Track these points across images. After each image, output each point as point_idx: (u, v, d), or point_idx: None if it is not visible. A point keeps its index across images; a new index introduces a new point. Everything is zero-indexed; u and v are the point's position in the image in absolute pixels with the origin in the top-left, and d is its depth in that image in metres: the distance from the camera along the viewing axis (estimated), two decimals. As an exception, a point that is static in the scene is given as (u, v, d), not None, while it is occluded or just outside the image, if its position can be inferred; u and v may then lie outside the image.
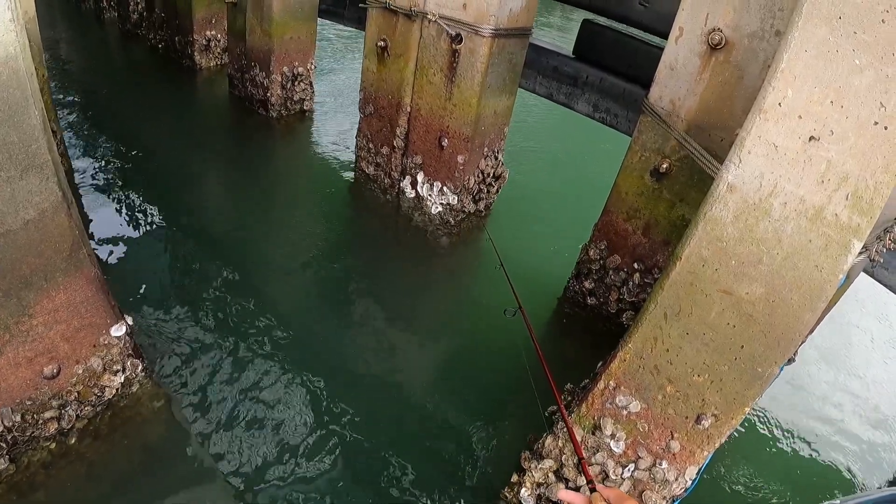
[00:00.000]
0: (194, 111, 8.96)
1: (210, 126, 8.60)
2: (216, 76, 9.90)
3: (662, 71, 4.13)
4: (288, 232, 6.11)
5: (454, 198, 6.07)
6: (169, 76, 9.84)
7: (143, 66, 10.41)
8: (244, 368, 4.37)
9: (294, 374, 4.39)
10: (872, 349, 6.10)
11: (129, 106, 8.47)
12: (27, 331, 3.30)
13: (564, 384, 4.02)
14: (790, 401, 5.06)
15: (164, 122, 8.14)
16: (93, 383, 3.71)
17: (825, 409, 5.10)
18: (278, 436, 3.94)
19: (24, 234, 3.08)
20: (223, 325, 4.71)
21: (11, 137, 2.82)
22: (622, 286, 4.98)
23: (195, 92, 9.59)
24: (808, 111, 2.35)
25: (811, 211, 2.46)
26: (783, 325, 2.68)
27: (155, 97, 9.00)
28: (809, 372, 5.45)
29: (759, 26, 3.52)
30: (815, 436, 4.79)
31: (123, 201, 6.10)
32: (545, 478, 3.47)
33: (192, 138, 7.90)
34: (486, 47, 5.12)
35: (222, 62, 10.17)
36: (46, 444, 3.54)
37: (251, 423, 3.99)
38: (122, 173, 6.57)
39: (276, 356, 4.50)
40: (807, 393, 5.23)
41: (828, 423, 4.94)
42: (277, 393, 4.24)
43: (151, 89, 9.33)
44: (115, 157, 6.82)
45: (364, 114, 6.56)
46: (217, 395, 4.16)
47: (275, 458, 3.81)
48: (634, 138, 4.49)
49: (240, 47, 8.40)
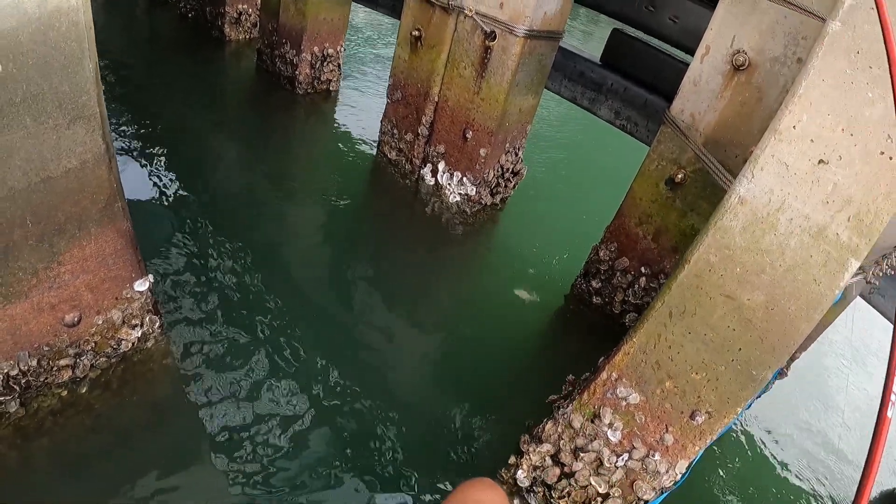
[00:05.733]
0: (221, 83, 9.11)
1: (236, 98, 8.77)
2: (244, 49, 10.03)
3: (686, 85, 4.31)
4: (306, 208, 6.30)
5: (473, 189, 6.27)
6: (197, 46, 9.97)
7: (170, 33, 10.52)
8: (254, 338, 4.51)
9: (301, 347, 4.54)
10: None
11: (155, 73, 8.62)
12: (54, 277, 3.37)
13: (566, 376, 4.21)
14: (778, 415, 5.27)
15: (189, 91, 8.29)
16: (110, 335, 3.80)
17: (813, 424, 5.31)
18: (281, 407, 4.07)
19: (63, 182, 3.16)
20: (237, 293, 4.87)
21: (63, 87, 2.91)
22: (628, 288, 5.16)
23: (222, 63, 9.72)
24: (820, 136, 2.54)
25: (814, 228, 2.65)
26: (779, 332, 2.87)
27: (181, 66, 9.14)
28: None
29: (782, 52, 3.70)
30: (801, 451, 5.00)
31: (146, 166, 6.27)
32: (542, 461, 3.65)
33: (217, 109, 8.09)
34: (518, 46, 5.30)
35: (251, 36, 10.29)
36: (58, 391, 3.63)
37: (256, 393, 4.12)
38: (145, 139, 6.73)
39: (286, 328, 4.66)
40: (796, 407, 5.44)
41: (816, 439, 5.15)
42: (284, 364, 4.38)
43: (178, 58, 9.46)
44: (139, 124, 6.99)
45: (391, 99, 6.74)
46: (226, 360, 4.29)
47: (275, 429, 3.93)
48: (653, 147, 4.68)
49: (272, 23, 8.56)
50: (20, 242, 3.11)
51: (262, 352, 4.42)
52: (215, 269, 5.06)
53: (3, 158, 2.84)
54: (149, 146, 6.63)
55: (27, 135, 2.88)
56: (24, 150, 2.91)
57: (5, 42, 2.60)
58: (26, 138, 2.89)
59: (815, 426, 5.36)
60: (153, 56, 9.26)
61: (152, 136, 6.85)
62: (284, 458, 3.78)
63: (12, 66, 2.66)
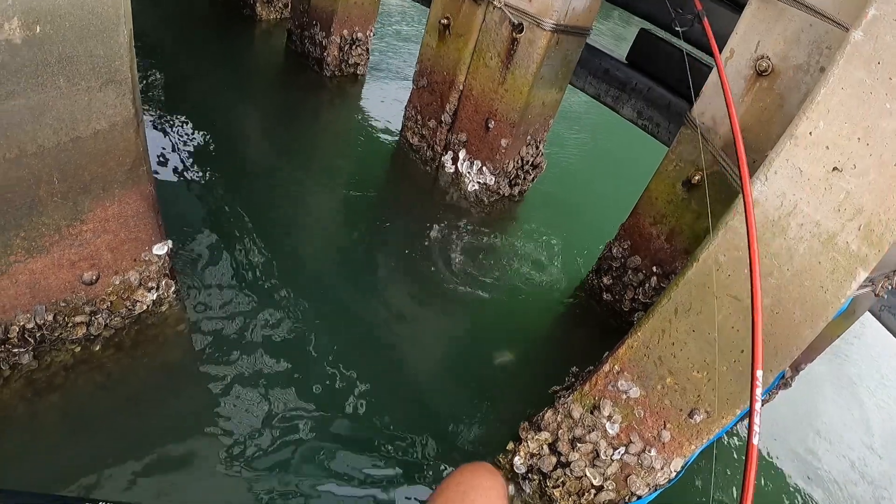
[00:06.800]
0: (249, 60, 9.17)
1: (263, 76, 8.83)
2: (274, 29, 10.09)
3: (708, 88, 4.33)
4: (326, 187, 6.37)
5: (492, 179, 6.31)
6: (228, 23, 10.03)
7: (202, 10, 10.57)
8: (267, 311, 4.59)
9: (312, 323, 4.62)
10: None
11: (185, 47, 8.71)
12: (76, 235, 3.43)
13: (570, 368, 4.26)
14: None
15: (218, 66, 8.38)
16: (126, 296, 3.87)
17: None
18: (289, 381, 4.15)
19: (92, 143, 3.23)
20: (253, 266, 4.95)
21: (98, 51, 2.97)
22: (638, 287, 5.19)
23: (252, 42, 9.78)
24: (835, 143, 2.56)
25: (824, 235, 2.67)
26: (783, 337, 2.90)
27: (212, 42, 9.23)
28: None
29: (805, 60, 3.70)
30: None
31: (172, 135, 6.37)
32: (540, 449, 3.69)
33: (244, 86, 8.14)
34: (544, 40, 5.33)
35: (282, 16, 10.36)
36: (71, 347, 3.71)
37: (265, 365, 4.20)
38: (173, 109, 6.84)
39: (299, 304, 4.74)
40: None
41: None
42: (295, 339, 4.46)
43: (208, 34, 9.54)
44: (167, 94, 7.11)
45: (417, 86, 6.78)
46: (238, 330, 4.38)
47: (281, 401, 4.01)
48: (672, 148, 4.70)
49: (303, 4, 8.60)
50: (45, 199, 3.17)
51: (274, 326, 4.49)
52: (233, 240, 5.14)
53: (34, 116, 2.91)
54: (176, 116, 6.72)
55: (60, 95, 2.95)
56: (56, 110, 2.98)
57: (43, 4, 2.66)
58: (58, 98, 2.95)
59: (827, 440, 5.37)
60: (184, 30, 9.33)
61: (180, 106, 6.95)
62: (288, 431, 3.85)
63: (49, 27, 2.72)
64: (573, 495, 3.52)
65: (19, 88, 2.77)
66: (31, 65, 2.75)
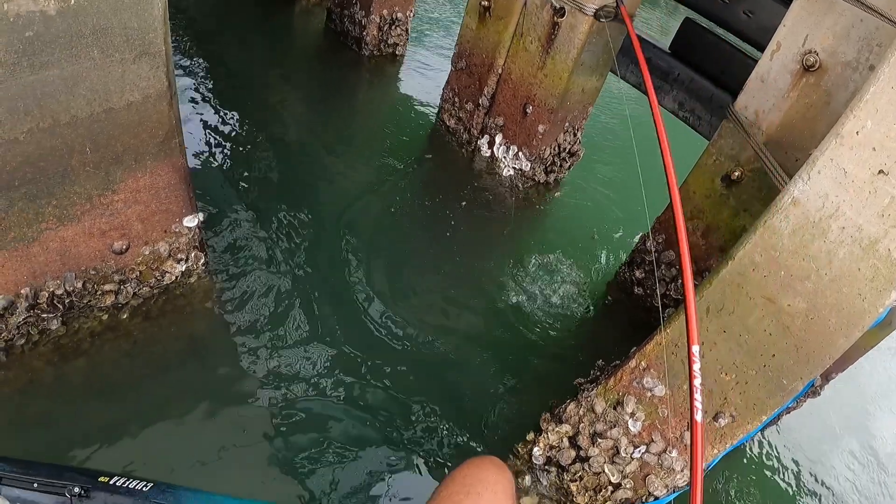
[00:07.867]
0: (288, 38, 9.14)
1: (301, 54, 8.81)
2: (314, 7, 10.01)
3: (753, 81, 4.19)
4: (361, 167, 6.36)
5: (527, 164, 6.24)
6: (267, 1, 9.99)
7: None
8: (296, 289, 4.60)
9: (342, 304, 4.63)
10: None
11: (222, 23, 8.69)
12: (107, 204, 3.49)
13: (596, 360, 4.20)
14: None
15: (256, 43, 8.36)
16: (156, 266, 3.94)
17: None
18: (313, 359, 4.16)
19: (125, 115, 3.26)
20: (285, 242, 4.97)
21: (132, 23, 2.98)
22: (671, 283, 5.09)
23: (292, 20, 9.72)
24: (882, 145, 2.45)
25: (866, 241, 2.57)
26: (816, 344, 2.81)
27: (250, 18, 9.16)
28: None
29: (854, 57, 3.55)
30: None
31: (206, 108, 6.41)
32: (560, 441, 3.66)
33: (281, 63, 8.11)
34: (586, 25, 5.21)
35: (324, -5, 10.31)
36: (99, 315, 3.78)
37: (291, 342, 4.22)
38: (208, 83, 6.86)
39: (330, 284, 4.75)
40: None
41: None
42: (322, 320, 4.45)
43: (247, 11, 9.45)
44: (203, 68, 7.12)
45: (455, 68, 6.71)
46: (267, 305, 4.39)
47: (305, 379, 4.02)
48: (713, 141, 4.57)
49: (345, -17, 8.57)
50: (78, 168, 3.22)
51: (302, 304, 4.50)
52: (265, 215, 5.16)
53: (68, 87, 2.93)
54: (211, 90, 6.76)
55: (93, 66, 2.97)
56: (90, 81, 3.00)
57: (79, -26, 2.66)
58: (92, 69, 2.97)
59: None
60: (221, 6, 9.33)
61: (215, 80, 6.98)
62: (308, 411, 3.87)
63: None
64: (590, 490, 3.48)
65: (53, 59, 2.79)
66: (66, 36, 2.77)
